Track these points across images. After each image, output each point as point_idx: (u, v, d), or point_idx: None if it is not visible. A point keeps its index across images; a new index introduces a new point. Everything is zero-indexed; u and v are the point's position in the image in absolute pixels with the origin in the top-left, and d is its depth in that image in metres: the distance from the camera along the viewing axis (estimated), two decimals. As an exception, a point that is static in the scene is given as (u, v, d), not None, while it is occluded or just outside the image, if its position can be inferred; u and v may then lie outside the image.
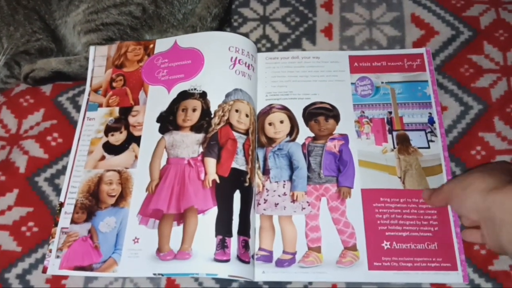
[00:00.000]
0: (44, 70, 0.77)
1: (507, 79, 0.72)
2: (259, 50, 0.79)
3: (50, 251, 0.62)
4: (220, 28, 0.80)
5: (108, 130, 0.69)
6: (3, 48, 0.77)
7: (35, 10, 0.80)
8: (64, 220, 0.64)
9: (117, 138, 0.68)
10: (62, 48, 0.82)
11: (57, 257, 0.61)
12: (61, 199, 0.65)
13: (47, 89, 0.78)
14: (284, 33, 0.81)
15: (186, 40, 0.73)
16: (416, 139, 0.66)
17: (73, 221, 0.63)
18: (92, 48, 0.76)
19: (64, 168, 0.70)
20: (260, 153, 0.66)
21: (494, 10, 0.79)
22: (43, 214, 0.66)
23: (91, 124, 0.70)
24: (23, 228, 0.65)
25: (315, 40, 0.79)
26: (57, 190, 0.68)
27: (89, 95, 0.73)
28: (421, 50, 0.74)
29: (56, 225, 0.63)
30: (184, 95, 0.68)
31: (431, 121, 0.68)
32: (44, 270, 0.61)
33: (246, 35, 0.80)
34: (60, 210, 0.64)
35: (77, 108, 0.75)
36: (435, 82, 0.71)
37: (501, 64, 0.74)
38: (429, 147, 0.66)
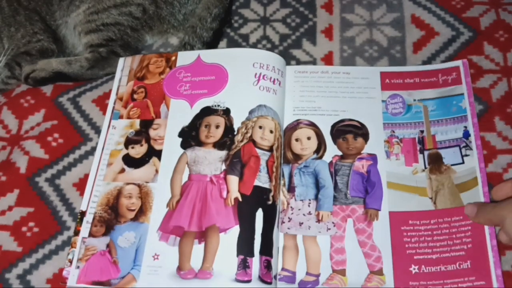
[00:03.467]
0: (44, 71, 0.77)
1: (507, 79, 0.73)
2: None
3: (70, 261, 0.60)
4: (220, 28, 0.80)
5: (128, 142, 0.68)
6: (4, 48, 0.78)
7: (36, 11, 0.80)
8: (86, 230, 0.62)
9: (138, 151, 0.67)
10: (63, 48, 0.82)
11: (78, 267, 0.60)
12: (83, 207, 0.63)
13: (47, 89, 0.78)
14: (285, 34, 0.81)
15: (209, 55, 0.72)
16: (450, 156, 0.64)
17: (91, 234, 0.62)
18: (121, 60, 0.75)
19: (65, 168, 0.70)
20: (286, 169, 0.65)
21: (494, 11, 0.79)
22: (43, 215, 0.66)
23: (112, 133, 0.69)
24: (24, 228, 0.65)
25: (316, 41, 0.80)
26: (58, 190, 0.68)
27: (114, 103, 0.71)
28: (458, 62, 0.71)
29: (76, 234, 0.62)
30: (207, 111, 0.67)
31: (466, 135, 0.65)
32: (63, 280, 0.59)
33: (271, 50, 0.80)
34: (81, 219, 0.63)
35: (78, 108, 0.75)
36: (472, 94, 0.68)
37: (501, 64, 0.74)
38: (463, 163, 0.63)
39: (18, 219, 0.66)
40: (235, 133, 0.64)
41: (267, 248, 0.58)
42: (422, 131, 0.66)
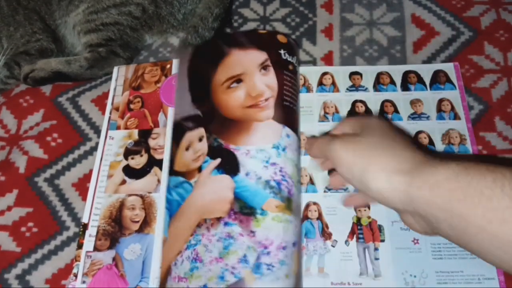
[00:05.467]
0: (44, 71, 0.76)
1: (507, 79, 0.72)
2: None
3: (75, 275, 0.59)
4: (221, 28, 0.80)
5: (128, 153, 0.67)
6: (3, 48, 0.77)
7: (35, 11, 0.80)
8: (90, 243, 0.61)
9: (138, 161, 0.66)
10: (62, 48, 0.82)
11: (83, 282, 0.59)
12: (84, 219, 0.63)
13: (47, 89, 0.77)
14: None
15: None
16: None
17: (96, 249, 0.61)
18: (115, 69, 0.74)
19: (64, 168, 0.70)
20: None
21: (495, 10, 0.79)
22: (42, 215, 0.66)
23: (110, 144, 0.68)
24: (23, 229, 0.65)
25: (315, 41, 0.79)
26: (57, 190, 0.68)
27: (110, 113, 0.71)
28: (449, 65, 0.72)
29: (80, 247, 0.61)
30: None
31: None
32: None
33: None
34: (83, 231, 0.62)
35: (77, 108, 0.75)
36: (465, 98, 0.68)
37: (501, 64, 0.74)
38: None
39: (17, 219, 0.66)
40: None
41: None
42: None
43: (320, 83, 0.71)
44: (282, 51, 0.65)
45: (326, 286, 0.57)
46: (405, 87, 0.70)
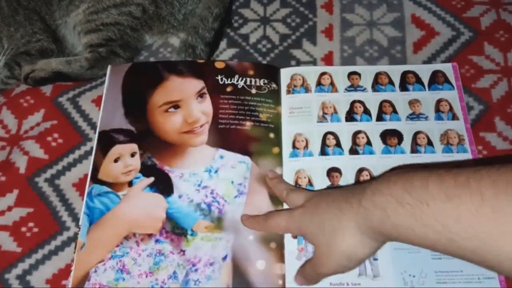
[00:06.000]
0: (44, 71, 0.76)
1: (507, 79, 0.73)
2: (259, 51, 0.79)
3: None
4: (221, 29, 0.80)
5: None
6: (4, 48, 0.77)
7: (36, 11, 0.80)
8: None
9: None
10: (62, 48, 0.82)
11: None
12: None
13: (47, 89, 0.77)
14: (285, 33, 0.81)
15: None
16: None
17: None
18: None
19: (65, 168, 0.70)
20: None
21: (495, 11, 0.79)
22: (43, 215, 0.66)
23: None
24: (23, 229, 0.65)
25: (316, 41, 0.79)
26: (57, 190, 0.68)
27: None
28: (447, 65, 0.72)
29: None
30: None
31: None
32: None
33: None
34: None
35: (77, 108, 0.75)
36: (463, 98, 0.69)
37: (501, 64, 0.74)
38: None
39: (17, 219, 0.66)
40: None
41: None
42: None
43: (319, 83, 0.71)
44: (219, 77, 0.69)
45: (325, 286, 0.57)
46: (403, 87, 0.70)
